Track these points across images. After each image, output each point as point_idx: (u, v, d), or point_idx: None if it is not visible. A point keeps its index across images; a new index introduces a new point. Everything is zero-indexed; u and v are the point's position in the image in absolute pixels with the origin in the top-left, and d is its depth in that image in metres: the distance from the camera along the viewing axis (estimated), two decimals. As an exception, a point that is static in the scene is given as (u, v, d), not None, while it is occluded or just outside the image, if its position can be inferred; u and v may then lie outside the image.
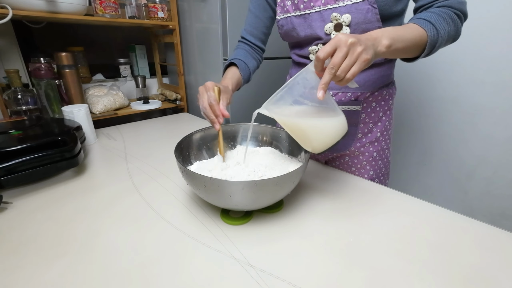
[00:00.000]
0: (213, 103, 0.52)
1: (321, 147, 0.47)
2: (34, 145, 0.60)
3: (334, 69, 0.39)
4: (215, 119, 0.52)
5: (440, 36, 0.47)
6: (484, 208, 1.14)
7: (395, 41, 0.43)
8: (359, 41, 0.39)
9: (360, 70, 0.39)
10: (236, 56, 0.71)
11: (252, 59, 0.73)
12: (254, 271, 0.38)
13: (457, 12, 0.49)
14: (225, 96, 0.55)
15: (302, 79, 0.43)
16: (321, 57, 0.39)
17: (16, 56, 1.06)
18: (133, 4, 1.15)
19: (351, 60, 0.39)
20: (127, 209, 0.53)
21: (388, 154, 0.71)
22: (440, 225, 0.48)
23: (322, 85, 0.40)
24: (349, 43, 0.38)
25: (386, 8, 0.52)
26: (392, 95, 0.67)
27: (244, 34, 0.74)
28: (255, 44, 0.74)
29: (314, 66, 0.41)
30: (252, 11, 0.71)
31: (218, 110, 0.52)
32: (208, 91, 0.53)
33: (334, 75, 0.39)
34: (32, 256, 0.41)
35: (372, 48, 0.40)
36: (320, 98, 0.41)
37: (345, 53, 0.38)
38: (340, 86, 0.42)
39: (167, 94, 1.38)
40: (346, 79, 0.40)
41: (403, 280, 0.37)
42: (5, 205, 0.52)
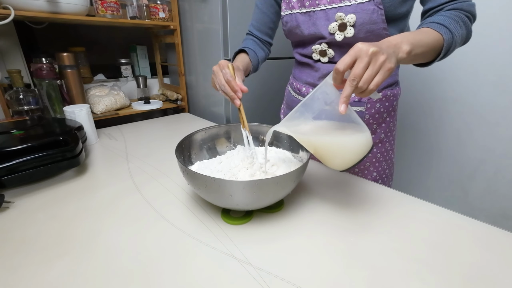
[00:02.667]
0: (229, 79, 0.52)
1: (346, 165, 0.43)
2: (36, 145, 0.61)
3: (355, 80, 0.37)
4: (234, 95, 0.52)
5: (454, 39, 0.46)
6: (485, 209, 1.14)
7: (415, 47, 0.42)
8: (381, 49, 0.37)
9: (384, 80, 0.37)
10: (245, 45, 0.72)
11: (260, 49, 0.75)
12: (255, 270, 0.38)
13: (468, 14, 0.49)
14: (239, 73, 0.55)
15: (322, 93, 0.40)
16: (341, 69, 0.37)
17: (18, 56, 1.07)
18: (134, 5, 1.15)
19: (373, 70, 0.37)
20: (128, 208, 0.53)
21: (392, 155, 0.71)
22: (441, 225, 0.48)
23: (344, 98, 0.38)
24: (370, 53, 0.36)
25: (392, 9, 0.52)
26: (396, 95, 0.67)
27: (251, 29, 0.76)
28: (262, 38, 0.76)
29: (333, 78, 0.39)
30: (259, 7, 0.72)
31: (236, 85, 0.52)
32: (223, 68, 0.53)
33: (356, 87, 0.37)
34: (34, 255, 0.41)
35: (393, 55, 0.39)
36: (342, 112, 0.38)
37: (367, 63, 0.36)
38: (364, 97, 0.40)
39: (168, 94, 1.38)
40: (369, 90, 0.37)
41: (403, 280, 0.37)
42: (7, 204, 0.52)
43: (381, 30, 0.54)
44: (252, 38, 0.75)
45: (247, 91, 0.52)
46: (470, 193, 1.17)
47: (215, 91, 0.58)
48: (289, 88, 0.80)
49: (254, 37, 0.76)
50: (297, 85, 0.73)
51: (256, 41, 0.75)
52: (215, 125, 0.64)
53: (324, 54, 0.62)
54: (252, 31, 0.76)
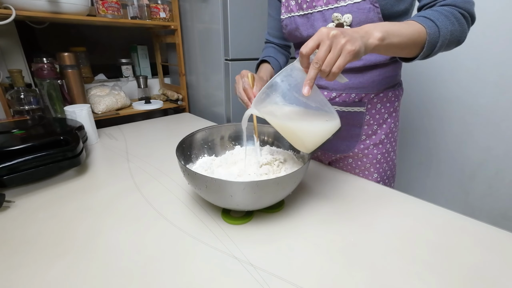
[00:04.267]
0: (246, 87, 0.54)
1: (312, 147, 0.47)
2: (37, 144, 0.61)
3: (318, 63, 0.38)
4: (248, 102, 0.54)
5: (441, 34, 0.45)
6: (486, 209, 1.14)
7: (389, 35, 0.41)
8: (343, 33, 0.37)
9: (346, 62, 0.37)
10: (266, 54, 0.74)
11: (281, 54, 0.77)
12: (255, 270, 0.38)
13: (462, 11, 0.47)
14: (260, 83, 0.56)
15: (287, 76, 0.42)
16: (304, 53, 0.38)
17: (19, 56, 1.07)
18: (135, 5, 1.15)
19: (335, 53, 0.37)
20: (129, 208, 0.53)
21: (393, 156, 0.70)
22: (441, 225, 0.48)
23: (308, 81, 0.39)
24: (331, 36, 0.37)
25: (388, 7, 0.52)
26: (398, 96, 0.66)
27: (268, 37, 0.78)
28: (281, 44, 0.78)
29: (300, 62, 0.41)
30: (271, 15, 0.74)
31: (251, 93, 0.54)
32: (243, 77, 0.55)
33: (319, 69, 0.38)
34: (34, 255, 0.41)
35: (360, 40, 0.38)
36: (305, 94, 0.39)
37: (329, 46, 0.37)
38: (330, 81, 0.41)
39: (169, 94, 1.38)
40: (333, 73, 0.38)
41: (403, 280, 0.37)
42: (8, 204, 0.53)
43: None
44: (271, 46, 0.78)
45: None
46: (471, 193, 1.17)
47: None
48: None
49: (273, 44, 0.78)
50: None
51: (275, 48, 0.77)
52: (215, 125, 0.64)
53: None
54: (269, 39, 0.78)
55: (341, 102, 0.64)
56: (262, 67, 0.71)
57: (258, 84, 0.56)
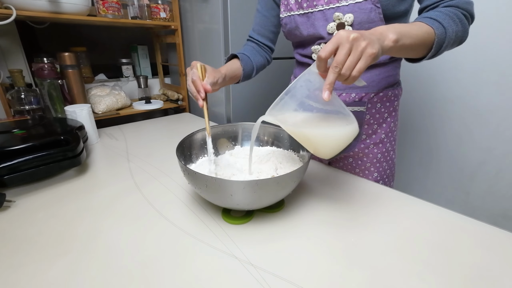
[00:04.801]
0: (195, 78, 0.52)
1: (331, 154, 0.45)
2: (37, 144, 0.61)
3: (338, 67, 0.37)
4: (197, 95, 0.52)
5: (447, 35, 0.45)
6: (486, 209, 1.14)
7: (402, 36, 0.41)
8: (362, 35, 0.36)
9: (367, 66, 0.37)
10: (241, 50, 0.71)
11: (259, 55, 0.73)
12: (255, 270, 0.38)
13: (464, 12, 0.48)
14: (212, 75, 0.54)
15: (305, 81, 0.41)
16: (323, 56, 0.37)
17: (19, 56, 1.07)
18: (136, 5, 1.15)
19: (355, 57, 0.36)
20: (129, 208, 0.53)
21: (393, 155, 0.71)
22: (441, 225, 0.48)
23: (327, 85, 0.38)
24: (351, 39, 0.36)
25: (389, 8, 0.52)
26: (397, 96, 0.67)
27: (252, 34, 0.74)
28: (263, 43, 0.74)
29: (317, 66, 0.40)
30: (260, 11, 0.71)
31: (200, 86, 0.51)
32: (192, 68, 0.53)
33: (339, 74, 0.37)
34: (35, 254, 0.41)
35: (377, 42, 0.38)
36: (325, 99, 0.38)
37: (348, 49, 0.36)
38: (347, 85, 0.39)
39: (169, 94, 1.39)
40: (352, 77, 0.37)
41: (404, 280, 0.37)
42: (8, 203, 0.53)
43: None
44: (251, 45, 0.74)
45: (210, 91, 0.52)
46: (471, 193, 1.17)
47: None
48: None
49: (254, 42, 0.74)
50: None
51: (254, 48, 0.73)
52: (215, 125, 0.64)
53: None
54: (252, 36, 0.74)
55: None
56: (229, 62, 0.67)
57: (210, 76, 0.53)
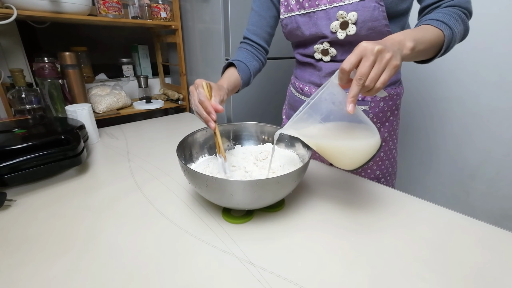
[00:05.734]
0: (203, 99, 0.49)
1: (356, 165, 0.44)
2: (38, 143, 0.61)
3: (362, 79, 0.36)
4: (208, 117, 0.49)
5: (454, 35, 0.47)
6: (486, 209, 1.14)
7: (417, 43, 0.42)
8: (386, 47, 0.36)
9: (390, 77, 0.37)
10: (236, 57, 0.68)
11: (254, 60, 0.70)
12: (256, 269, 0.39)
13: (464, 11, 0.49)
14: (218, 93, 0.52)
15: (330, 94, 0.39)
16: (348, 69, 0.37)
17: (20, 55, 1.07)
18: (136, 5, 1.16)
19: (379, 69, 0.36)
20: (129, 207, 0.53)
21: (395, 154, 0.71)
22: (442, 225, 0.48)
23: (351, 98, 0.37)
24: (376, 51, 0.36)
25: (393, 6, 0.52)
26: (400, 94, 0.67)
27: (247, 34, 0.71)
28: (259, 44, 0.71)
29: (339, 78, 0.39)
30: (256, 10, 0.69)
31: (210, 106, 0.48)
32: (197, 88, 0.50)
33: (363, 86, 0.37)
34: (36, 253, 0.41)
35: (398, 52, 0.38)
36: (350, 112, 0.38)
37: (372, 61, 0.36)
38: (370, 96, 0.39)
39: (169, 94, 1.39)
40: (376, 88, 0.37)
41: (404, 279, 0.37)
42: (9, 202, 0.53)
43: (383, 27, 0.54)
44: (245, 48, 0.71)
45: (222, 111, 0.49)
46: (471, 193, 1.17)
47: None
48: (291, 88, 0.80)
49: (249, 44, 0.72)
50: (300, 85, 0.73)
51: (249, 51, 0.71)
52: (216, 125, 0.64)
53: (326, 53, 0.62)
54: (248, 36, 0.71)
55: None
56: (226, 72, 0.65)
57: (216, 94, 0.51)
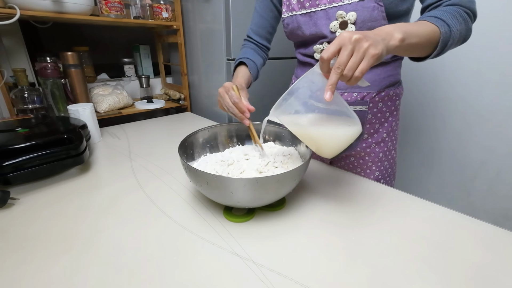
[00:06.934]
0: (236, 101, 0.55)
1: (334, 153, 0.46)
2: (41, 142, 0.61)
3: (340, 68, 0.37)
4: (243, 116, 0.55)
5: (452, 33, 0.45)
6: (487, 209, 1.13)
7: (408, 35, 0.41)
8: (365, 36, 0.37)
9: (369, 66, 0.37)
10: (245, 55, 0.72)
11: (259, 56, 0.75)
12: (257, 267, 0.39)
13: (467, 11, 0.48)
14: (244, 93, 0.58)
15: (308, 82, 0.41)
16: (326, 58, 0.37)
17: (23, 55, 1.08)
18: (138, 5, 1.16)
19: (357, 58, 0.36)
20: (131, 206, 0.54)
21: (394, 154, 0.71)
22: (443, 224, 0.49)
23: (329, 86, 0.38)
24: (353, 40, 0.36)
25: (392, 6, 0.52)
26: (399, 95, 0.67)
27: (250, 33, 0.76)
28: (261, 43, 0.76)
29: (320, 67, 0.40)
30: (258, 11, 0.72)
31: (244, 106, 0.55)
32: (229, 91, 0.56)
33: (341, 74, 0.37)
34: (38, 251, 0.41)
35: (381, 43, 0.38)
36: (327, 99, 0.38)
37: (351, 50, 0.36)
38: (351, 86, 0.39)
39: (171, 94, 1.39)
40: (355, 77, 0.37)
41: (405, 278, 0.37)
42: (12, 201, 0.53)
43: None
44: (250, 46, 0.76)
45: (254, 110, 0.55)
46: (472, 193, 1.17)
47: (217, 91, 0.58)
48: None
49: (253, 43, 0.76)
50: None
51: (254, 49, 0.75)
52: (217, 124, 0.65)
53: None
54: (251, 36, 0.76)
55: None
56: (239, 71, 0.69)
57: (244, 95, 0.57)
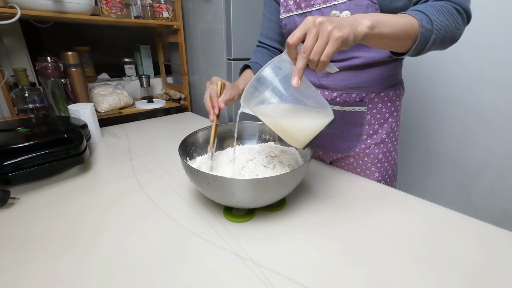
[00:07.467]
0: (212, 95, 0.55)
1: (304, 142, 0.45)
2: (41, 142, 0.61)
3: (306, 53, 0.37)
4: (211, 110, 0.55)
5: (435, 28, 0.43)
6: (488, 210, 1.13)
7: (379, 23, 0.40)
8: (329, 20, 0.36)
9: (335, 50, 0.36)
10: (253, 59, 0.72)
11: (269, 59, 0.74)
12: (257, 267, 0.39)
13: (457, 7, 0.46)
14: (230, 92, 0.57)
15: (275, 68, 0.40)
16: (291, 43, 0.37)
17: (23, 55, 1.08)
18: (138, 4, 1.16)
19: (322, 41, 0.36)
20: (132, 206, 0.54)
21: (395, 156, 0.70)
22: (442, 224, 0.48)
23: (296, 71, 0.38)
24: (317, 23, 0.36)
25: (386, 4, 0.52)
26: (399, 96, 0.66)
27: (261, 38, 0.76)
28: (273, 46, 0.75)
29: (288, 54, 0.40)
30: (266, 16, 0.73)
31: (215, 102, 0.55)
32: (212, 84, 0.56)
33: (308, 59, 0.37)
34: (38, 251, 0.41)
35: (348, 27, 0.37)
36: (294, 85, 0.38)
37: (315, 34, 0.36)
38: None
39: (171, 94, 1.39)
40: (322, 62, 0.37)
41: (405, 279, 0.37)
42: (13, 200, 0.53)
43: None
44: (261, 51, 0.75)
45: (223, 108, 0.56)
46: (473, 194, 1.16)
47: None
48: None
49: (264, 47, 0.76)
50: None
51: (264, 53, 0.74)
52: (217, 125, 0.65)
53: None
54: (262, 41, 0.76)
55: (342, 102, 0.64)
56: (244, 74, 0.69)
57: (227, 93, 0.56)
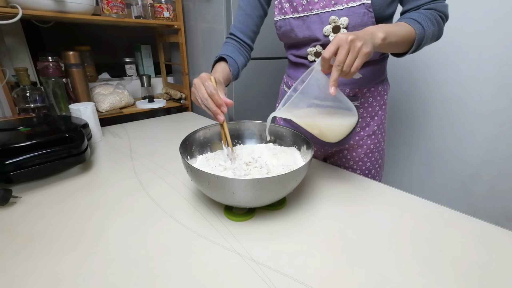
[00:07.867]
0: (213, 92, 0.49)
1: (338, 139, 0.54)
2: (42, 141, 0.62)
3: (340, 65, 0.43)
4: (218, 110, 0.50)
5: (426, 34, 0.52)
6: (488, 210, 1.13)
7: (389, 35, 0.47)
8: (358, 37, 0.43)
9: (363, 62, 0.44)
10: (225, 52, 0.68)
11: (240, 55, 0.71)
12: (258, 266, 0.39)
13: (441, 14, 0.55)
14: (221, 87, 0.53)
15: (315, 80, 0.46)
16: (327, 57, 0.44)
17: (25, 55, 1.08)
18: (139, 4, 1.16)
19: (353, 55, 0.43)
20: (133, 205, 0.54)
21: (383, 146, 0.75)
22: (442, 224, 0.49)
23: (332, 82, 0.44)
24: (349, 41, 0.42)
25: (381, 11, 0.56)
26: (386, 90, 0.71)
27: (234, 30, 0.72)
28: (244, 42, 0.72)
29: (321, 66, 0.46)
30: (243, 8, 0.69)
31: (220, 99, 0.50)
32: (205, 81, 0.51)
33: (341, 71, 0.44)
34: (40, 249, 0.42)
35: (370, 41, 0.45)
36: (332, 93, 0.45)
37: (347, 50, 0.42)
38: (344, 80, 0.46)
39: (172, 93, 1.39)
40: (352, 72, 0.44)
41: (405, 278, 0.37)
42: (14, 199, 0.53)
43: None
44: (232, 43, 0.72)
45: (232, 104, 0.51)
46: (473, 194, 1.16)
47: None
48: (283, 86, 0.81)
49: (236, 40, 0.72)
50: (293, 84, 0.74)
51: (236, 47, 0.71)
52: (218, 123, 0.65)
53: (319, 55, 0.64)
54: (234, 33, 0.72)
55: None
56: (218, 66, 0.65)
57: (221, 88, 0.53)
